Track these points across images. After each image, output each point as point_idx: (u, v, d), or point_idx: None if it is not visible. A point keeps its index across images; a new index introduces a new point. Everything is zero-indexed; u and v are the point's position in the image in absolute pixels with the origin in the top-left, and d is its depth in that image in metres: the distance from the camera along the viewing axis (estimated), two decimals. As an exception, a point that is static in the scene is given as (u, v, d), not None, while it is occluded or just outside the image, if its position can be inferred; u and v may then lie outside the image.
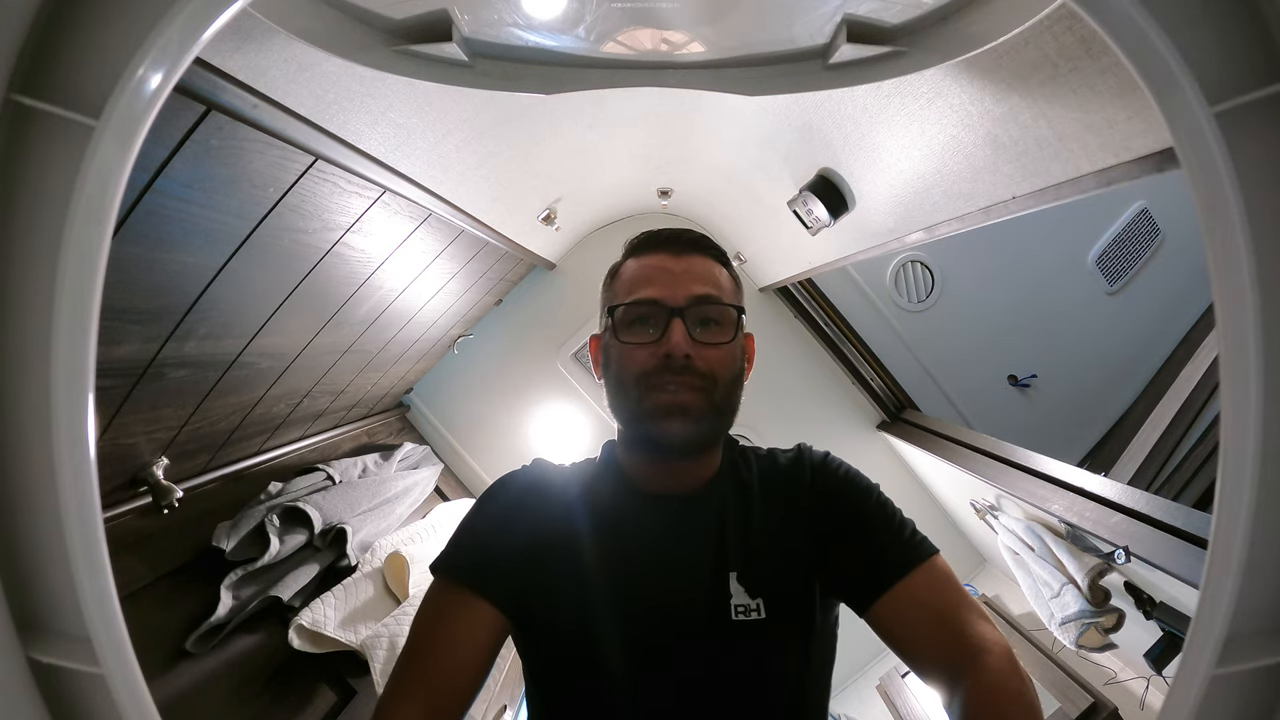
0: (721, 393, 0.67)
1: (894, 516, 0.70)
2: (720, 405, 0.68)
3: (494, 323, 2.57)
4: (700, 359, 0.66)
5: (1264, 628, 0.41)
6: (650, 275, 0.70)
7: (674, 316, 0.66)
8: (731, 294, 0.72)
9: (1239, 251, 0.39)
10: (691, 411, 0.65)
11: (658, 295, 0.68)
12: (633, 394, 0.68)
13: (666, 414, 0.65)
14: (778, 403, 2.60)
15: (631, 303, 0.69)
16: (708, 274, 0.71)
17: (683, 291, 0.68)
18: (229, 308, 0.99)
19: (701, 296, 0.68)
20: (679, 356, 0.65)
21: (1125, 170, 0.72)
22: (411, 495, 1.93)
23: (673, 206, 2.48)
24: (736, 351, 0.70)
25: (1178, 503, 1.20)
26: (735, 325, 0.70)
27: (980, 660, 0.58)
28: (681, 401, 0.65)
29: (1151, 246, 2.73)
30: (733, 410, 0.71)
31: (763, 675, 0.64)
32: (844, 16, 0.68)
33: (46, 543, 0.40)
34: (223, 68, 0.62)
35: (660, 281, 0.69)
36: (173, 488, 1.08)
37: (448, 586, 0.67)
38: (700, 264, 0.71)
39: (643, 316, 0.69)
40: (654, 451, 0.70)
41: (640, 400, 0.67)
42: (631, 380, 0.67)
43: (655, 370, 0.66)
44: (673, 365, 0.65)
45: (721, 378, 0.67)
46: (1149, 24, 0.39)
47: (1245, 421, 0.39)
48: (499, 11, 0.69)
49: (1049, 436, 2.58)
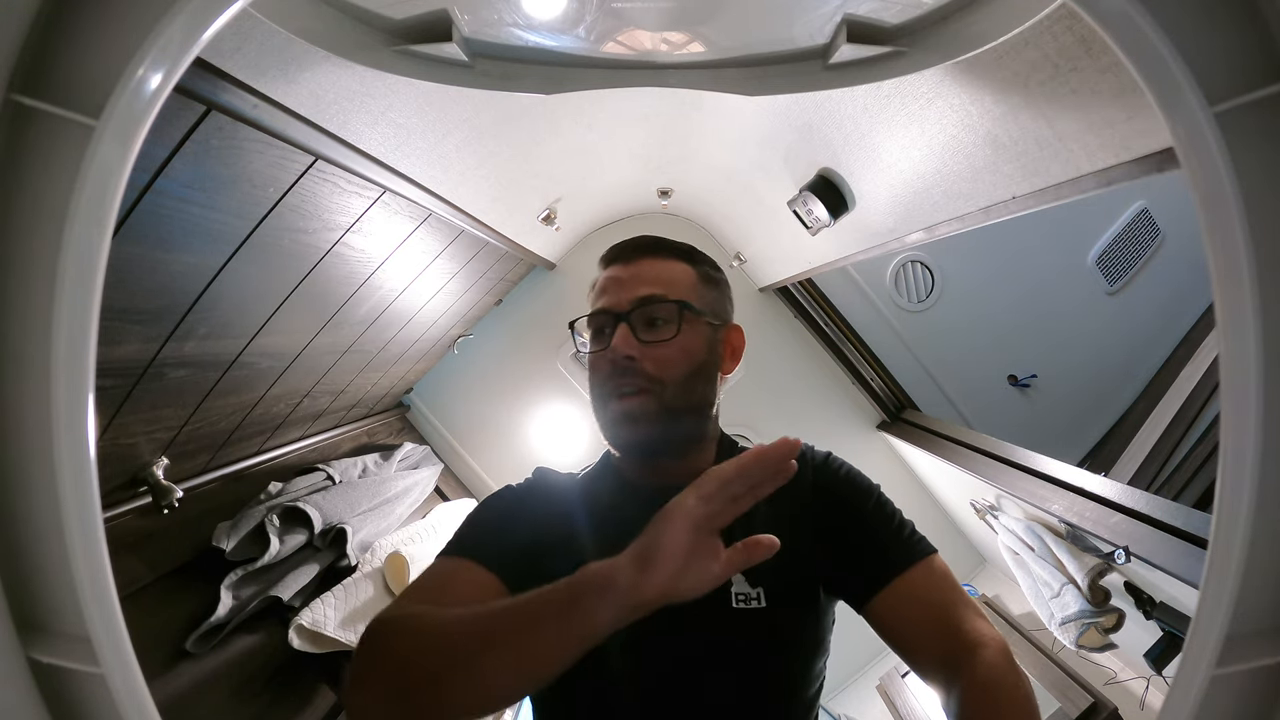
0: (673, 391, 0.68)
1: (894, 516, 0.71)
2: (673, 404, 0.68)
3: (494, 323, 2.57)
4: (647, 359, 0.67)
5: (1264, 628, 0.41)
6: (605, 286, 0.73)
7: (619, 322, 0.69)
8: (684, 289, 0.72)
9: (1239, 251, 0.39)
10: (640, 418, 0.67)
11: (607, 304, 0.71)
12: (598, 402, 0.71)
13: (618, 422, 0.68)
14: (778, 403, 2.60)
15: (590, 315, 0.73)
16: (655, 275, 0.72)
17: (626, 296, 0.70)
18: (229, 308, 0.99)
19: (644, 298, 0.70)
20: (620, 359, 0.67)
21: (1125, 170, 0.72)
22: (411, 495, 1.93)
23: (673, 206, 2.48)
24: (691, 344, 0.70)
25: (1178, 503, 1.20)
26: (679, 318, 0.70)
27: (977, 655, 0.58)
28: (627, 408, 0.67)
29: (1151, 246, 2.73)
30: (695, 406, 0.71)
31: (762, 664, 0.65)
32: (844, 16, 0.68)
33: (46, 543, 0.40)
34: (223, 68, 0.62)
35: (611, 291, 0.72)
36: (173, 488, 1.08)
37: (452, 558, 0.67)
38: (649, 267, 0.73)
39: (599, 327, 0.72)
40: (626, 454, 0.73)
41: (604, 408, 0.70)
42: (596, 389, 0.71)
43: (609, 375, 0.69)
44: (619, 369, 0.67)
45: (670, 377, 0.68)
46: (1149, 24, 0.39)
47: (1245, 421, 0.39)
48: (499, 11, 0.69)
49: (1049, 436, 2.58)
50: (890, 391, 2.62)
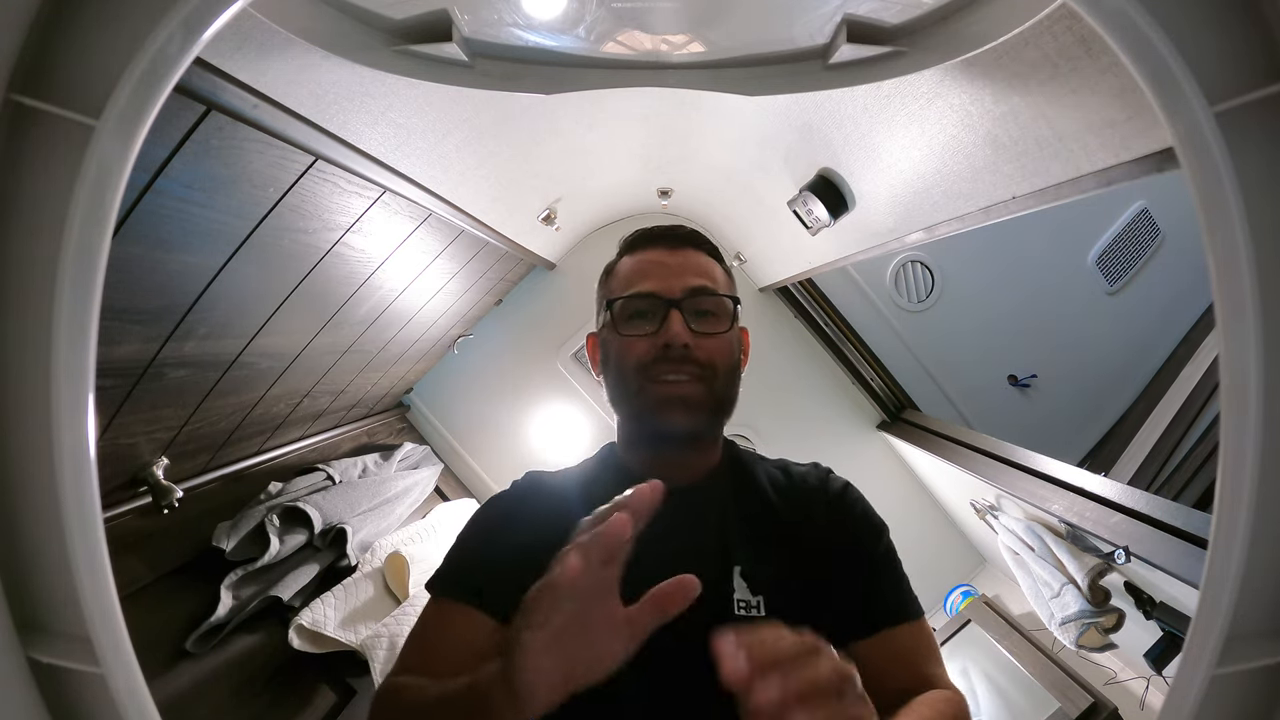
0: (721, 382, 0.69)
1: (897, 567, 0.71)
2: (720, 395, 0.69)
3: (494, 323, 2.57)
4: (699, 349, 0.67)
5: (1264, 628, 0.41)
6: (647, 269, 0.72)
7: (671, 308, 0.68)
8: (726, 286, 0.74)
9: (1239, 251, 0.38)
10: (692, 402, 0.67)
11: (655, 288, 0.70)
12: (633, 386, 0.69)
13: (668, 405, 0.67)
14: (778, 402, 2.59)
15: (630, 296, 0.70)
16: (702, 267, 0.73)
17: (679, 284, 0.70)
18: (229, 308, 0.99)
19: (698, 288, 0.70)
20: (678, 346, 0.66)
21: (1125, 170, 0.72)
22: (411, 495, 1.93)
23: (673, 206, 2.48)
24: (733, 341, 0.72)
25: (1178, 503, 1.20)
26: (731, 316, 0.71)
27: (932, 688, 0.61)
28: (683, 393, 0.67)
29: (1151, 246, 2.73)
30: (732, 401, 0.72)
31: None
32: (844, 16, 0.68)
33: (46, 543, 0.40)
34: (223, 68, 0.62)
35: (657, 275, 0.71)
36: (173, 488, 1.08)
37: (442, 603, 0.66)
38: (695, 258, 0.73)
39: (641, 310, 0.70)
40: (656, 443, 0.71)
41: (640, 392, 0.68)
42: (632, 372, 0.69)
43: (655, 361, 0.67)
44: (672, 355, 0.66)
45: (720, 367, 0.69)
46: (1149, 24, 0.39)
47: (1245, 421, 0.39)
48: (499, 11, 0.69)
49: (1049, 436, 2.58)
50: (890, 391, 2.62)
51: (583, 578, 0.40)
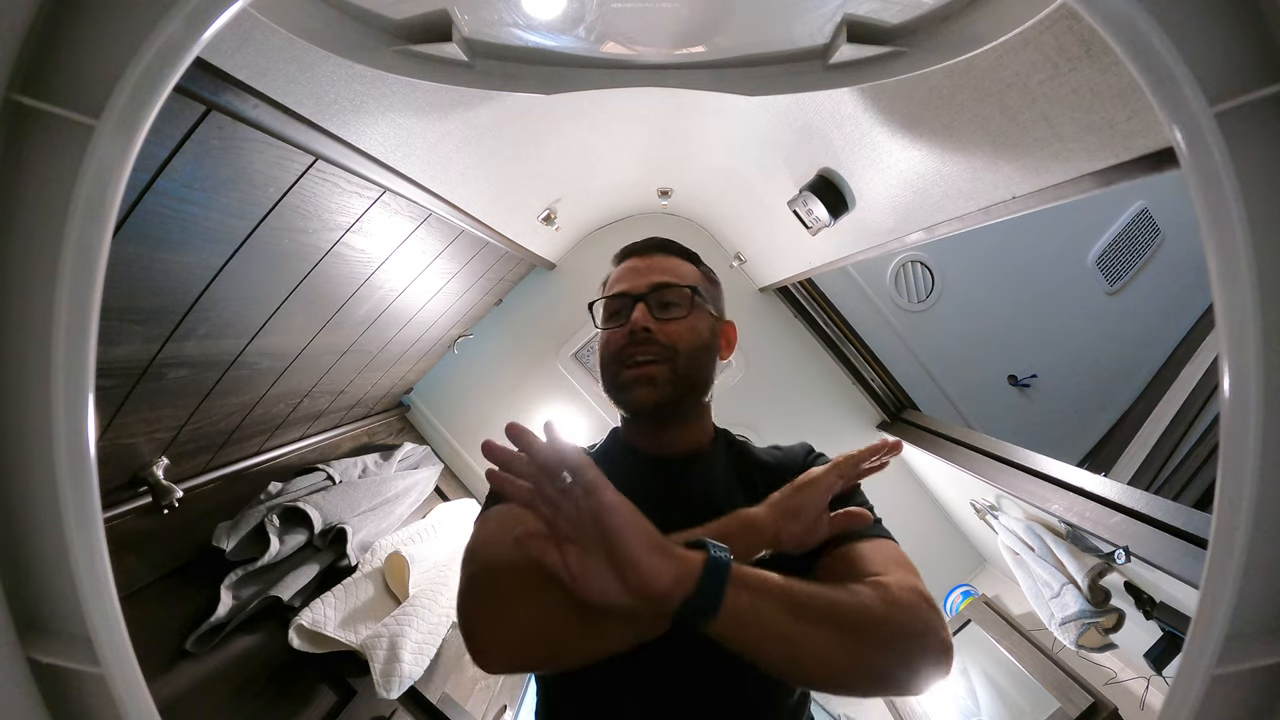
0: (684, 361, 0.77)
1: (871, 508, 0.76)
2: (684, 371, 0.77)
3: (494, 323, 2.57)
4: (660, 333, 0.77)
5: (1264, 628, 0.41)
6: (623, 275, 0.84)
7: (637, 301, 0.79)
8: (694, 280, 0.83)
9: (1239, 251, 0.39)
10: (657, 380, 0.76)
11: (625, 288, 0.81)
12: (611, 370, 0.79)
13: (635, 383, 0.77)
14: (778, 402, 2.59)
15: (607, 297, 0.83)
16: (668, 267, 0.83)
17: (644, 281, 0.81)
18: (229, 308, 0.99)
19: (660, 284, 0.80)
20: (639, 329, 0.76)
21: (1125, 170, 0.72)
22: (411, 495, 1.93)
23: (673, 206, 2.48)
24: (698, 325, 0.80)
25: (1178, 503, 1.20)
26: (690, 302, 0.80)
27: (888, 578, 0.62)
28: (648, 373, 0.76)
29: (1151, 246, 2.73)
30: (700, 378, 0.80)
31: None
32: (844, 16, 0.68)
33: (46, 543, 0.40)
34: (223, 68, 0.62)
35: (629, 278, 0.83)
36: (173, 488, 1.08)
37: (495, 508, 0.71)
38: (662, 261, 0.84)
39: (615, 308, 0.81)
40: (634, 419, 0.82)
41: (616, 375, 0.78)
42: (610, 359, 0.79)
43: (625, 346, 0.77)
44: (637, 339, 0.76)
45: (682, 347, 0.77)
46: (1149, 24, 0.39)
47: (1245, 421, 0.39)
48: (499, 11, 0.69)
49: (1049, 436, 2.58)
50: (890, 391, 2.62)
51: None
